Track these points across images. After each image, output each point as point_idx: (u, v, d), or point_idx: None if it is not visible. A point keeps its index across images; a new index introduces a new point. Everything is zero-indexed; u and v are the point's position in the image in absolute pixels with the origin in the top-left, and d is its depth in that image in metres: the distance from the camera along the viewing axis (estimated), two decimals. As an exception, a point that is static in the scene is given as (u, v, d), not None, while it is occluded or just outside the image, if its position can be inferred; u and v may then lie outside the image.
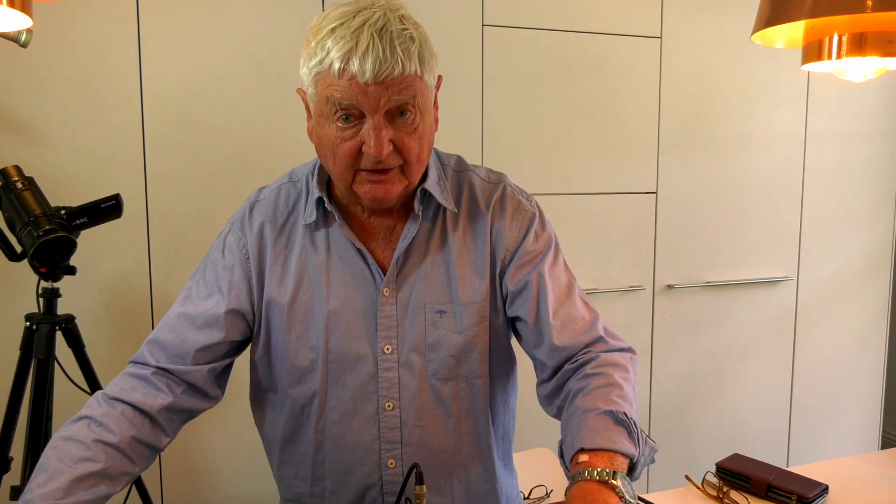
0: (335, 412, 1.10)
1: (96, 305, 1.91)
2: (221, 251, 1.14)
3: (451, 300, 1.09)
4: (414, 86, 0.96)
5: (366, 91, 0.93)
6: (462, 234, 1.10)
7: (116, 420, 0.99)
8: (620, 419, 0.95)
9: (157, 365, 1.05)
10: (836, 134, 2.71)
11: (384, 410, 1.10)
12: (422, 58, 0.96)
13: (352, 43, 0.91)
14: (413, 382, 1.09)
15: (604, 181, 2.40)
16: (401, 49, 0.92)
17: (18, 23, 0.80)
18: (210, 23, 1.94)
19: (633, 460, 0.93)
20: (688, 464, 2.59)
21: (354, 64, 0.91)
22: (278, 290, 1.09)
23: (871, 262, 2.84)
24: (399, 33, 0.93)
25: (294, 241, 1.10)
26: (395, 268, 1.09)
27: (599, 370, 1.03)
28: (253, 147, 2.01)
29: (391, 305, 1.08)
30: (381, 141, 0.95)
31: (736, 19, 2.49)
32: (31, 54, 1.78)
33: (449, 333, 1.09)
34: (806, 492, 1.22)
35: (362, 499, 1.14)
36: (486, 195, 1.13)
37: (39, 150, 1.84)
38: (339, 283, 1.08)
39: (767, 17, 1.08)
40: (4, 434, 1.60)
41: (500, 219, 1.12)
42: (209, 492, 2.07)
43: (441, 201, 1.09)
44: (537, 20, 2.27)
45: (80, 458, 0.94)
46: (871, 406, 2.94)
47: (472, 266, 1.10)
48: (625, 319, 2.48)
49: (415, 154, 1.00)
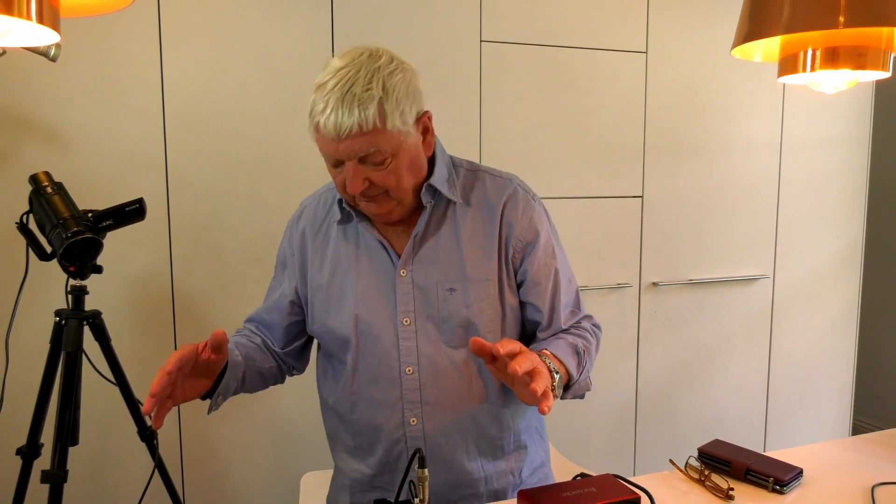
0: (365, 376, 1.21)
1: (121, 302, 1.91)
2: (281, 249, 1.33)
3: (460, 279, 1.18)
4: (375, 138, 1.04)
5: (336, 146, 1.05)
6: (472, 222, 1.19)
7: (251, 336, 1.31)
8: (578, 352, 1.17)
9: (257, 340, 1.31)
10: (809, 141, 2.71)
11: (405, 374, 1.19)
12: (381, 112, 1.03)
13: (322, 104, 1.03)
14: (429, 349, 1.18)
15: (593, 186, 2.40)
16: (359, 109, 1.01)
17: (48, 38, 0.79)
18: (226, 37, 1.94)
19: (570, 381, 1.14)
20: (672, 449, 2.59)
21: (322, 122, 1.03)
22: (318, 275, 1.24)
23: (842, 260, 2.84)
24: (360, 95, 1.01)
25: (329, 236, 1.24)
26: (410, 252, 1.18)
27: (579, 331, 1.24)
28: (267, 153, 2.01)
29: (408, 284, 1.18)
30: (354, 181, 1.06)
31: (716, 35, 2.49)
32: (59, 68, 1.78)
33: (458, 307, 1.18)
34: (782, 475, 1.21)
35: (390, 452, 1.24)
36: (498, 190, 1.22)
37: (68, 157, 1.83)
38: (365, 267, 1.20)
39: (746, 32, 1.08)
40: (35, 422, 1.60)
41: (511, 211, 1.20)
42: (228, 483, 2.07)
43: (446, 193, 1.18)
44: (532, 36, 2.27)
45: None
46: (842, 395, 2.94)
47: (481, 249, 1.19)
48: (613, 315, 2.48)
49: (392, 185, 1.09)
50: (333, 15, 2.03)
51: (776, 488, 1.21)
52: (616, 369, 2.52)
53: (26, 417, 1.61)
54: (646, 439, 2.60)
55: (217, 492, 2.05)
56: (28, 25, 0.71)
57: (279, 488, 2.10)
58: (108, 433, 1.93)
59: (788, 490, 1.21)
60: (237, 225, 2.00)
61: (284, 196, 2.03)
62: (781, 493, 1.20)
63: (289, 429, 2.08)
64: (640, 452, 2.60)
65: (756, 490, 1.22)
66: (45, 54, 1.56)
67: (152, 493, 1.73)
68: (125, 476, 1.96)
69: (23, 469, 1.61)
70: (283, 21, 1.99)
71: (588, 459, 2.49)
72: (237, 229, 2.00)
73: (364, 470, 1.27)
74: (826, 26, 0.96)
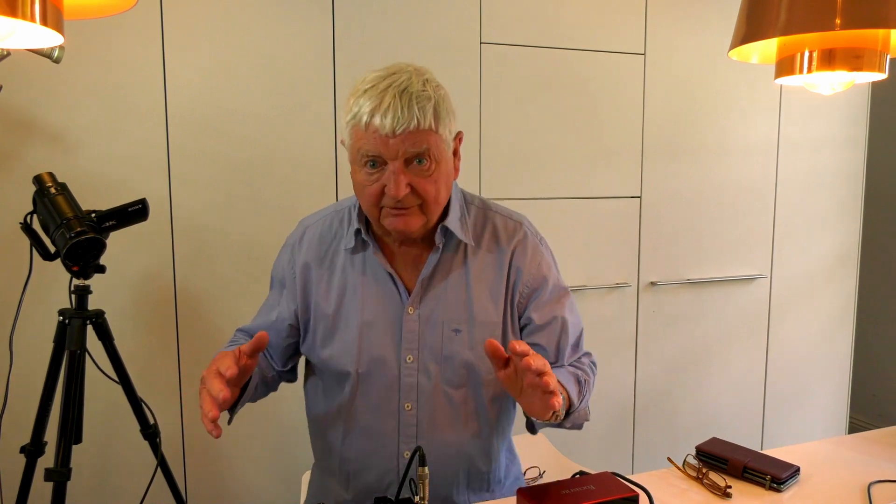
0: (363, 406, 1.19)
1: (124, 301, 1.91)
2: (279, 268, 1.28)
3: (466, 320, 1.17)
4: (428, 139, 1.04)
5: (387, 142, 1.02)
6: (481, 264, 1.19)
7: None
8: (580, 381, 1.17)
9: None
10: (806, 142, 2.71)
11: (404, 410, 1.18)
12: (437, 115, 1.04)
13: (377, 101, 1.01)
14: (429, 387, 1.17)
15: (592, 186, 2.40)
16: (417, 107, 1.01)
17: (51, 40, 0.79)
18: (229, 39, 1.94)
19: (570, 407, 1.12)
20: (670, 447, 2.59)
21: (377, 119, 1.01)
22: (324, 303, 1.20)
23: (838, 260, 2.84)
24: (418, 94, 1.02)
25: (336, 263, 1.20)
26: (420, 291, 1.17)
27: (580, 366, 1.25)
28: (268, 154, 2.01)
29: (414, 321, 1.17)
30: (399, 184, 1.03)
31: (714, 37, 2.49)
32: (63, 69, 1.78)
33: (462, 349, 1.17)
34: (779, 473, 1.21)
35: (381, 481, 1.21)
36: (508, 234, 1.22)
37: (71, 158, 1.83)
38: (372, 299, 1.18)
39: (743, 34, 1.08)
40: (39, 420, 1.60)
41: (521, 257, 1.20)
42: (230, 480, 2.07)
43: (460, 236, 1.17)
44: (531, 38, 2.26)
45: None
46: (838, 393, 2.94)
47: (489, 292, 1.18)
48: (612, 313, 2.48)
49: (431, 195, 1.08)
50: (334, 16, 2.03)
51: (773, 486, 1.21)
52: (614, 368, 2.52)
53: (30, 416, 1.61)
54: (644, 438, 2.60)
55: (219, 489, 2.05)
56: (32, 27, 0.71)
57: (281, 485, 2.10)
58: (112, 431, 1.93)
59: (785, 488, 1.21)
60: (239, 225, 2.00)
61: (286, 196, 2.03)
62: (778, 490, 1.20)
63: (291, 426, 2.08)
64: (639, 451, 2.60)
65: (753, 488, 1.22)
66: (48, 56, 1.56)
67: (155, 490, 1.73)
68: (128, 474, 1.96)
69: (27, 467, 1.61)
70: (285, 23, 1.99)
71: (587, 458, 2.49)
72: (239, 229, 2.00)
73: (345, 496, 1.25)
74: (823, 28, 0.96)
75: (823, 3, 0.96)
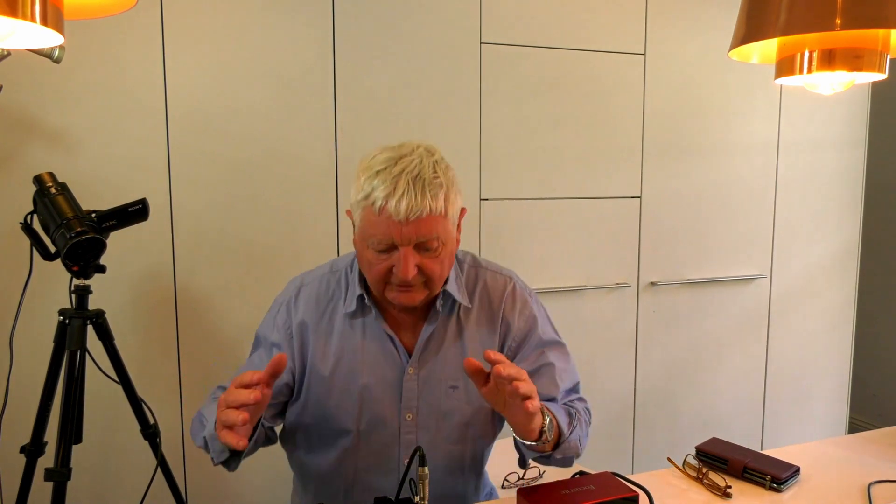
0: (363, 463, 1.22)
1: (124, 301, 1.91)
2: (272, 328, 1.24)
3: (463, 376, 1.19)
4: (438, 225, 1.07)
5: (400, 228, 1.04)
6: (475, 323, 1.22)
7: None
8: (570, 414, 1.18)
9: None
10: (806, 142, 2.71)
11: (403, 465, 1.21)
12: (447, 200, 1.07)
13: (391, 187, 1.03)
14: (428, 444, 1.20)
15: (592, 186, 2.40)
16: (430, 195, 1.04)
17: (51, 40, 0.79)
18: (229, 39, 1.94)
19: (560, 438, 1.12)
20: (670, 447, 2.59)
21: (391, 205, 1.03)
22: (321, 365, 1.20)
23: (838, 260, 2.84)
24: (430, 181, 1.04)
25: (334, 325, 1.20)
26: (420, 351, 1.20)
27: (571, 406, 1.24)
28: (268, 154, 2.01)
29: (413, 381, 1.19)
30: (408, 267, 1.06)
31: (714, 37, 2.49)
32: (63, 69, 1.78)
33: (460, 404, 1.21)
34: (779, 473, 1.21)
35: None
36: (498, 290, 1.25)
37: (72, 158, 1.83)
38: (372, 361, 1.19)
39: (743, 34, 1.08)
40: (39, 420, 1.59)
41: (511, 311, 1.24)
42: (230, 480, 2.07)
43: (458, 298, 1.20)
44: (531, 38, 2.26)
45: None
46: (838, 393, 2.94)
47: (482, 347, 1.21)
48: (611, 314, 2.48)
49: (437, 274, 1.11)
50: (335, 17, 2.03)
51: (773, 486, 1.21)
52: (614, 368, 2.52)
53: (30, 416, 1.61)
54: (644, 438, 2.60)
55: (219, 489, 2.05)
56: (32, 27, 0.71)
57: (281, 486, 2.10)
58: (112, 431, 1.93)
59: (785, 488, 1.21)
60: (239, 225, 2.00)
61: (286, 197, 2.03)
62: (779, 490, 1.20)
63: (290, 427, 2.08)
64: (639, 451, 2.60)
65: (753, 488, 1.22)
66: (49, 56, 1.56)
67: (155, 490, 1.73)
68: (128, 474, 1.96)
69: (27, 467, 1.61)
70: (285, 23, 1.99)
71: (587, 457, 2.48)
72: (239, 230, 2.00)
73: None
74: (823, 28, 0.96)
75: (823, 3, 0.96)
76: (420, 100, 2.14)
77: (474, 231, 2.25)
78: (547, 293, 2.36)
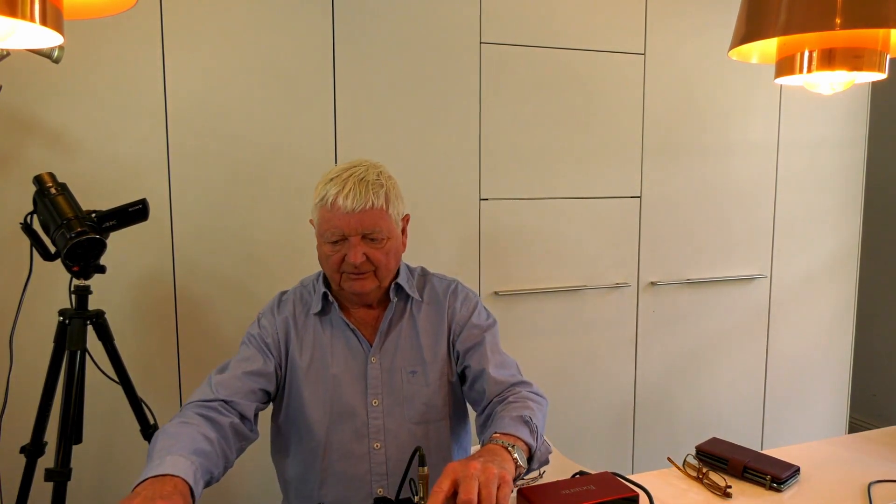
0: (336, 453, 1.33)
1: (124, 301, 1.91)
2: (258, 327, 1.38)
3: (420, 362, 1.35)
4: (381, 219, 1.27)
5: (348, 219, 1.25)
6: (426, 314, 1.39)
7: (206, 425, 1.16)
8: (526, 420, 1.18)
9: (219, 398, 1.24)
10: (806, 142, 2.71)
11: (373, 450, 1.33)
12: (388, 199, 1.28)
13: (340, 186, 1.25)
14: (394, 426, 1.33)
15: (592, 186, 2.40)
16: (372, 192, 1.25)
17: (51, 40, 0.79)
18: (229, 40, 1.94)
19: (531, 450, 1.14)
20: (670, 447, 2.59)
21: (340, 200, 1.24)
22: (300, 359, 1.35)
23: (838, 260, 2.84)
24: (373, 182, 1.27)
25: (308, 326, 1.37)
26: (379, 342, 1.35)
27: (519, 400, 1.27)
28: (267, 154, 2.01)
29: (377, 369, 1.34)
30: (356, 253, 1.26)
31: (714, 37, 2.49)
32: (63, 69, 1.78)
33: (420, 387, 1.35)
34: (779, 473, 1.21)
35: None
36: (443, 289, 1.43)
37: (72, 158, 1.83)
38: (340, 354, 1.35)
39: (743, 34, 1.08)
40: (39, 421, 1.60)
41: (454, 303, 1.41)
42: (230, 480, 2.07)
43: (409, 291, 1.38)
44: (531, 38, 2.27)
45: (196, 436, 1.10)
46: (838, 393, 2.94)
47: (435, 336, 1.37)
48: (611, 314, 2.48)
49: (383, 262, 1.29)
50: (334, 17, 2.03)
51: (773, 486, 1.21)
52: (614, 368, 2.52)
53: (30, 416, 1.61)
54: (644, 437, 2.60)
55: (219, 489, 2.05)
56: (31, 27, 0.71)
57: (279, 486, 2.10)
58: (112, 431, 1.93)
59: (785, 488, 1.21)
60: (239, 225, 2.00)
61: (285, 197, 2.03)
62: (779, 490, 1.20)
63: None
64: (639, 450, 2.60)
65: (753, 488, 1.22)
66: (48, 56, 1.56)
67: (155, 490, 1.73)
68: (128, 474, 1.95)
69: (27, 467, 1.61)
70: (285, 24, 1.99)
71: (587, 457, 2.49)
72: (239, 229, 2.00)
73: None
74: (823, 28, 0.96)
75: (823, 3, 0.96)
76: (420, 99, 2.15)
77: (474, 231, 2.25)
78: (547, 293, 2.36)
